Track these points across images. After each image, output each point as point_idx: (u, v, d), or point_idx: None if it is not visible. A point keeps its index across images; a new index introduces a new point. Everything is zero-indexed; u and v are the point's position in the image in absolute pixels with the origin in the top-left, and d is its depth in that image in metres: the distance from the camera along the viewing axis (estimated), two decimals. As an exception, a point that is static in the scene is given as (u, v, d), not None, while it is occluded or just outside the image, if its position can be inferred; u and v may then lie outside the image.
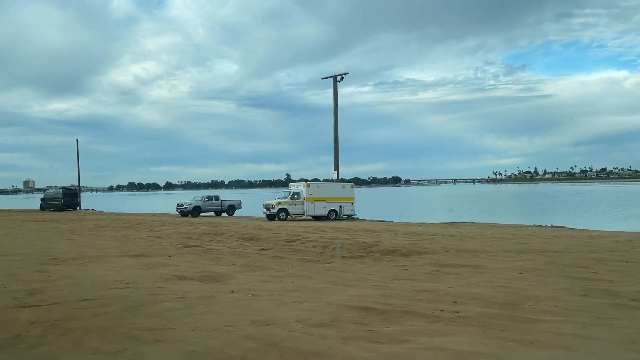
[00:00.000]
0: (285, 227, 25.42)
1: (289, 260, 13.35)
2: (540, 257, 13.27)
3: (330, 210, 34.06)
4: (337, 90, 39.54)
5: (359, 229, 23.42)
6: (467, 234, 20.88)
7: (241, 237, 20.62)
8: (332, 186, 35.78)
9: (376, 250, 15.51)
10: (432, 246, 15.97)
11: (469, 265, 11.91)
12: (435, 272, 11.00)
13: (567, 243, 17.06)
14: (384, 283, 9.45)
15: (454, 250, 14.82)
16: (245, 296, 8.10)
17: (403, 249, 15.18)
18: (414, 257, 13.83)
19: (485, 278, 10.06)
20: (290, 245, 17.56)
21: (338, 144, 39.60)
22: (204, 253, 15.01)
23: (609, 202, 64.28)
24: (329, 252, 15.49)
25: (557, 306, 7.30)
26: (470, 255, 13.77)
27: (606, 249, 15.29)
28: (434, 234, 20.73)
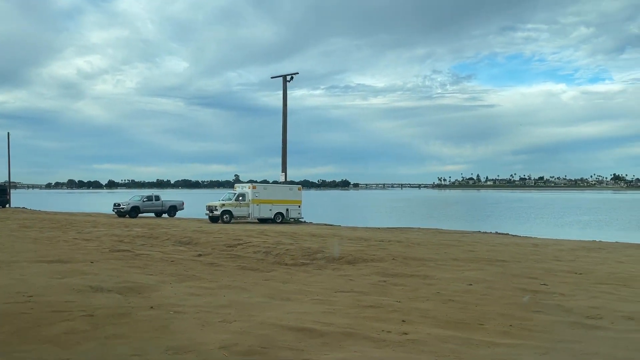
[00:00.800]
0: (227, 230, 24.19)
1: (226, 268, 12.27)
2: (489, 266, 12.85)
3: (276, 213, 33.03)
4: (287, 90, 38.65)
5: (305, 234, 22.55)
6: (414, 240, 20.45)
7: (178, 241, 19.26)
8: (279, 188, 34.77)
9: (321, 257, 14.68)
10: (379, 253, 15.32)
11: (417, 275, 11.27)
12: (382, 283, 10.27)
13: (514, 251, 16.88)
14: (326, 296, 8.59)
15: (402, 258, 14.21)
16: (165, 313, 7.01)
17: (349, 256, 14.43)
18: (360, 265, 13.09)
19: (434, 290, 9.41)
20: (230, 251, 16.45)
21: (287, 145, 38.69)
22: (132, 259, 13.66)
23: (546, 209, 66.66)
24: (271, 259, 14.52)
25: (512, 326, 6.67)
26: (418, 264, 13.18)
27: (552, 258, 15.14)
28: (381, 239, 20.17)
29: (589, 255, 15.94)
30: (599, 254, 16.62)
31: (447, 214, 57.68)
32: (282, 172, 38.28)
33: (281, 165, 38.55)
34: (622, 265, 13.53)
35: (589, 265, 13.25)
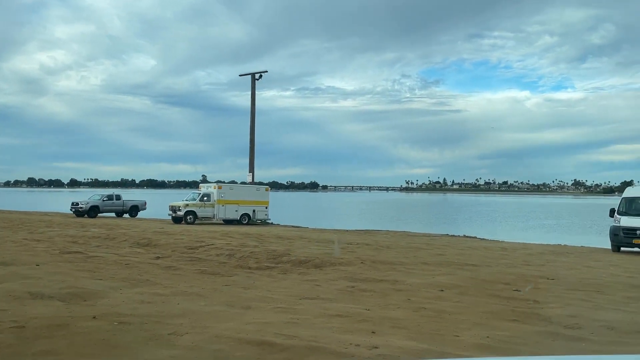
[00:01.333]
0: (190, 231, 23.27)
1: (184, 272, 11.49)
2: (460, 271, 12.47)
3: (242, 215, 32.16)
4: (255, 89, 37.82)
5: (271, 236, 21.86)
6: (382, 242, 20.03)
7: (136, 243, 18.29)
8: (246, 189, 33.93)
9: (287, 260, 14.04)
10: (347, 256, 14.79)
11: (387, 280, 10.77)
12: (350, 288, 9.71)
13: (483, 255, 16.62)
14: (290, 304, 7.97)
15: (370, 262, 13.71)
16: (109, 324, 6.26)
17: (316, 259, 13.83)
18: (327, 269, 12.51)
19: (404, 297, 8.90)
20: (191, 253, 15.62)
21: (254, 145, 37.83)
22: (83, 262, 12.70)
23: (511, 213, 67.76)
24: (234, 262, 13.79)
25: (489, 337, 6.20)
26: (387, 268, 12.70)
27: (522, 262, 14.92)
28: (349, 242, 19.67)
29: (557, 260, 15.81)
30: (568, 258, 16.54)
31: (415, 216, 57.84)
32: (249, 173, 37.41)
33: (248, 166, 37.68)
34: (592, 270, 13.38)
35: (559, 270, 13.04)
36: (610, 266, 14.52)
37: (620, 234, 18.22)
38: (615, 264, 15.02)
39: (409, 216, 58.46)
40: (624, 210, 18.87)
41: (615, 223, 18.63)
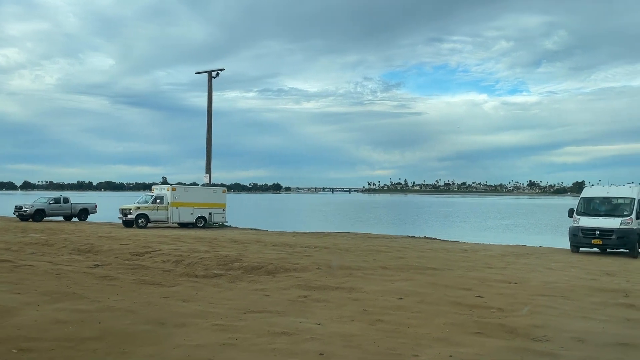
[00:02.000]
0: (139, 236, 21.93)
1: (121, 283, 10.40)
2: (420, 275, 11.85)
3: (198, 217, 30.85)
4: (212, 87, 36.53)
5: (226, 240, 20.81)
6: (342, 245, 19.31)
7: (77, 249, 16.95)
8: (202, 191, 32.62)
9: (238, 266, 13.11)
10: (303, 261, 13.97)
11: (343, 288, 10.01)
12: (302, 298, 8.89)
13: (444, 258, 16.12)
14: (231, 319, 7.07)
15: (327, 267, 12.93)
16: (6, 353, 5.21)
17: (270, 265, 12.95)
18: (280, 276, 11.66)
19: (360, 307, 8.15)
20: (135, 260, 14.48)
21: (211, 146, 36.52)
22: (9, 272, 11.40)
23: (469, 213, 68.60)
24: (180, 270, 12.76)
25: (452, 357, 5.49)
26: (344, 273, 11.95)
27: (483, 265, 14.48)
28: (307, 245, 18.85)
29: (518, 262, 15.47)
30: (528, 259, 16.24)
31: (376, 218, 57.62)
32: (206, 174, 36.07)
33: (205, 167, 36.34)
34: (554, 272, 13.02)
35: (521, 273, 12.61)
36: (571, 268, 14.24)
37: (579, 235, 18.11)
38: (575, 265, 14.77)
39: (370, 217, 58.21)
40: (583, 210, 18.80)
41: (574, 223, 18.52)
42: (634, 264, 15.44)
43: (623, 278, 12.21)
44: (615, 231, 17.28)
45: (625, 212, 17.72)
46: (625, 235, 17.15)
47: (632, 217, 17.38)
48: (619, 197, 18.49)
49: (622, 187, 18.69)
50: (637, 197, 17.91)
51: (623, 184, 18.97)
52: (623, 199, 18.31)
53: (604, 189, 18.96)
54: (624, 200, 18.27)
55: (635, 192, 18.09)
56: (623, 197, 18.32)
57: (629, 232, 17.18)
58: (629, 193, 18.18)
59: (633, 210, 17.56)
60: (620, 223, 17.33)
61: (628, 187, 18.52)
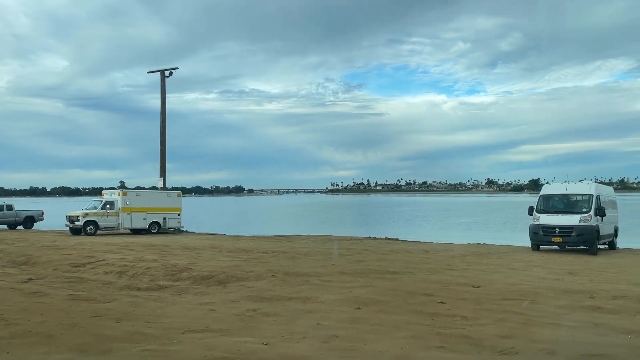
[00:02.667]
0: (85, 244, 20.57)
1: (50, 300, 9.32)
2: (380, 280, 11.24)
3: (151, 223, 29.48)
4: (165, 86, 35.13)
5: (178, 246, 19.74)
6: (301, 250, 18.57)
7: (12, 261, 15.60)
8: (155, 195, 31.22)
9: (187, 276, 12.18)
10: (258, 268, 13.15)
11: (297, 298, 9.27)
12: (252, 312, 8.09)
13: (405, 260, 15.62)
14: (166, 343, 6.21)
15: (283, 274, 12.16)
16: None
17: (221, 274, 12.07)
18: (231, 286, 10.82)
19: (314, 320, 7.43)
20: (75, 272, 13.35)
21: (165, 148, 35.11)
22: None
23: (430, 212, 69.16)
24: (123, 282, 11.74)
25: (414, 380, 4.83)
26: (300, 281, 11.21)
27: (445, 267, 14.03)
28: (264, 250, 18.04)
29: (480, 262, 15.12)
30: (490, 259, 15.93)
31: (339, 219, 57.19)
32: (160, 177, 34.65)
33: (159, 170, 34.92)
34: (517, 273, 12.67)
35: (484, 275, 12.19)
36: (533, 267, 13.97)
37: (539, 233, 17.98)
38: (537, 265, 14.52)
39: (333, 218, 57.73)
40: (542, 208, 18.71)
41: (534, 221, 18.40)
42: (595, 262, 15.34)
43: (586, 277, 11.96)
44: (574, 228, 17.22)
45: (584, 209, 17.70)
46: (585, 232, 17.10)
47: (591, 213, 17.38)
48: (577, 194, 18.49)
49: (580, 183, 18.73)
50: (595, 193, 17.94)
51: (581, 181, 19.02)
52: (581, 195, 18.31)
53: (562, 186, 18.94)
54: (582, 197, 18.28)
55: (593, 189, 18.13)
56: (581, 194, 18.32)
57: (588, 229, 17.15)
58: (587, 190, 18.20)
59: (592, 206, 17.56)
60: (580, 220, 17.29)
61: (586, 184, 18.56)
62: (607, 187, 21.22)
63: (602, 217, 17.75)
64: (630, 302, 8.75)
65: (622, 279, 11.58)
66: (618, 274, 12.64)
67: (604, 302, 8.65)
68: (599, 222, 17.62)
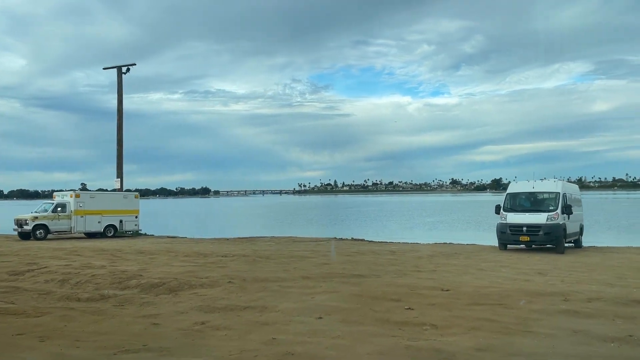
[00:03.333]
0: (30, 250, 19.17)
1: (-30, 316, 8.20)
2: (345, 285, 10.51)
3: (107, 226, 28.03)
4: (122, 83, 33.59)
5: (132, 251, 18.58)
6: (263, 252, 17.71)
7: (-58, 270, 14.15)
8: (111, 197, 29.75)
9: (135, 284, 11.16)
10: (214, 274, 12.25)
11: (254, 307, 8.44)
12: (200, 326, 7.23)
13: (371, 262, 14.97)
14: (92, 367, 5.30)
15: (240, 280, 11.31)
16: None
17: (173, 281, 11.12)
18: (182, 295, 9.89)
19: (269, 334, 6.63)
20: (12, 282, 12.11)
21: (122, 147, 33.55)
22: None
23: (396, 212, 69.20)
24: (63, 292, 10.63)
25: (379, 410, 4.10)
26: (258, 287, 10.38)
27: (412, 268, 13.44)
28: (224, 254, 17.11)
29: (448, 263, 14.62)
30: (457, 260, 15.46)
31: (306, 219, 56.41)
32: (117, 178, 33.07)
33: (116, 171, 33.34)
34: (486, 274, 12.18)
35: (453, 277, 11.64)
36: (501, 268, 13.54)
37: (507, 232, 17.65)
38: (506, 265, 14.11)
39: (299, 219, 56.91)
40: (509, 206, 18.41)
41: (501, 220, 18.07)
42: (563, 261, 15.06)
43: (556, 278, 11.56)
44: (542, 227, 16.95)
45: (551, 207, 17.47)
46: (552, 231, 16.85)
47: (558, 211, 17.15)
48: (544, 192, 18.27)
49: (547, 181, 18.52)
50: (561, 191, 17.74)
51: (544, 179, 18.81)
52: (548, 193, 18.10)
53: (529, 184, 18.69)
54: (549, 195, 18.06)
55: (559, 187, 17.94)
56: (548, 192, 18.11)
57: (556, 228, 16.91)
58: (554, 187, 18.00)
59: (559, 204, 17.34)
60: (547, 218, 17.03)
61: (552, 182, 18.36)
62: (573, 185, 21.19)
63: (569, 215, 17.57)
64: (607, 304, 8.29)
65: (593, 279, 11.22)
66: (588, 274, 12.31)
67: (580, 306, 8.16)
68: (565, 220, 17.42)
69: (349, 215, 65.12)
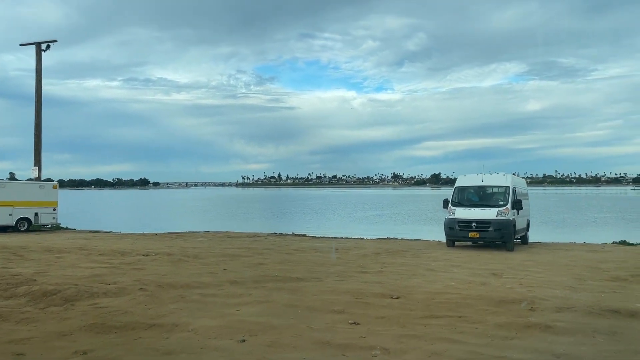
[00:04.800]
0: None
1: None
2: (279, 293, 8.95)
3: (20, 219, 25.02)
4: (42, 61, 30.27)
5: (39, 248, 16.18)
6: (190, 251, 15.82)
7: None
8: (25, 187, 26.62)
9: (24, 292, 9.12)
10: (126, 278, 10.34)
11: (161, 325, 6.72)
12: (81, 356, 5.44)
13: (312, 261, 13.50)
14: None
15: (155, 286, 9.50)
16: None
17: (71, 288, 9.13)
18: (78, 306, 7.99)
19: (172, 369, 4.96)
20: None
21: (41, 132, 30.28)
22: None
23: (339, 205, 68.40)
24: None
25: None
26: (174, 296, 8.63)
27: (357, 269, 12.06)
28: (145, 252, 15.11)
29: (395, 262, 13.37)
30: (405, 258, 14.27)
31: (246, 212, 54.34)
32: (34, 167, 29.84)
33: (34, 158, 30.08)
34: (437, 276, 10.98)
35: (402, 280, 10.34)
36: (452, 267, 12.42)
37: (456, 228, 16.67)
38: (456, 264, 13.03)
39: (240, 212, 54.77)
40: (458, 200, 17.46)
41: (450, 215, 17.08)
42: (514, 259, 14.19)
43: (513, 279, 10.51)
44: (492, 223, 16.07)
45: (501, 202, 16.64)
46: (503, 227, 16.01)
47: (508, 206, 16.34)
48: (493, 186, 17.45)
49: (496, 175, 17.69)
50: (511, 185, 16.97)
51: (487, 172, 17.99)
52: (498, 187, 17.29)
53: (478, 177, 17.80)
54: (498, 189, 17.25)
55: (509, 180, 17.16)
56: (497, 186, 17.30)
57: (506, 224, 16.08)
58: (504, 181, 17.20)
59: (508, 199, 16.54)
60: (497, 214, 16.17)
61: (502, 175, 17.56)
62: (521, 179, 20.55)
63: (519, 210, 16.83)
64: (579, 315, 7.19)
65: (553, 282, 10.25)
66: (544, 274, 11.39)
67: (551, 318, 7.00)
68: (515, 215, 16.65)
69: (291, 208, 63.61)
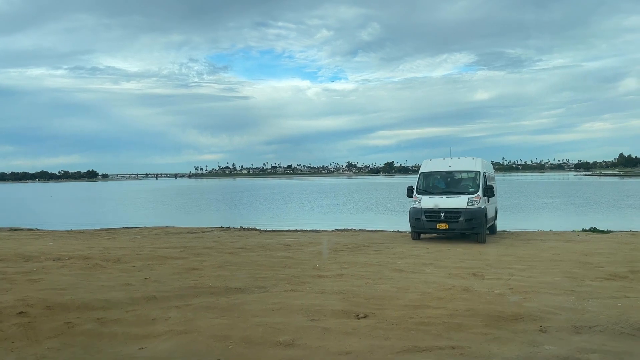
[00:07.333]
0: None
1: None
2: (208, 315, 6.74)
3: None
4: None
5: None
6: (115, 251, 13.32)
7: None
8: None
9: None
10: (9, 296, 7.83)
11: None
12: None
13: (257, 263, 11.32)
14: None
15: (43, 307, 7.09)
16: None
17: None
18: None
19: None
20: None
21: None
22: None
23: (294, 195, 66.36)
24: None
25: None
26: (60, 326, 6.27)
27: (312, 272, 9.99)
28: (57, 256, 12.51)
29: (357, 261, 11.40)
30: (367, 256, 12.33)
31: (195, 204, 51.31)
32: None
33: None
34: (408, 279, 9.04)
35: (367, 287, 8.33)
36: (423, 266, 10.57)
37: (422, 218, 14.88)
38: (427, 262, 11.19)
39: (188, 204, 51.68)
40: (423, 188, 15.68)
41: (415, 204, 15.27)
42: (490, 254, 12.52)
43: (499, 281, 8.72)
44: (462, 212, 14.37)
45: (472, 189, 14.96)
46: (474, 217, 14.34)
47: (480, 194, 14.68)
48: (462, 171, 15.77)
49: (465, 159, 15.99)
50: (481, 170, 15.32)
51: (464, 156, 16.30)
52: (467, 172, 15.62)
53: (445, 162, 16.05)
54: (467, 174, 15.58)
55: (479, 165, 15.50)
56: (467, 171, 15.62)
57: (478, 213, 14.42)
58: (473, 166, 15.53)
59: (479, 186, 14.88)
60: (468, 202, 14.49)
61: (471, 159, 15.87)
62: (489, 163, 19.08)
63: (489, 197, 15.23)
64: (607, 337, 5.40)
65: (546, 283, 8.54)
66: (530, 272, 9.71)
67: (574, 346, 5.17)
68: (486, 203, 15.03)
69: (244, 199, 61.00)
